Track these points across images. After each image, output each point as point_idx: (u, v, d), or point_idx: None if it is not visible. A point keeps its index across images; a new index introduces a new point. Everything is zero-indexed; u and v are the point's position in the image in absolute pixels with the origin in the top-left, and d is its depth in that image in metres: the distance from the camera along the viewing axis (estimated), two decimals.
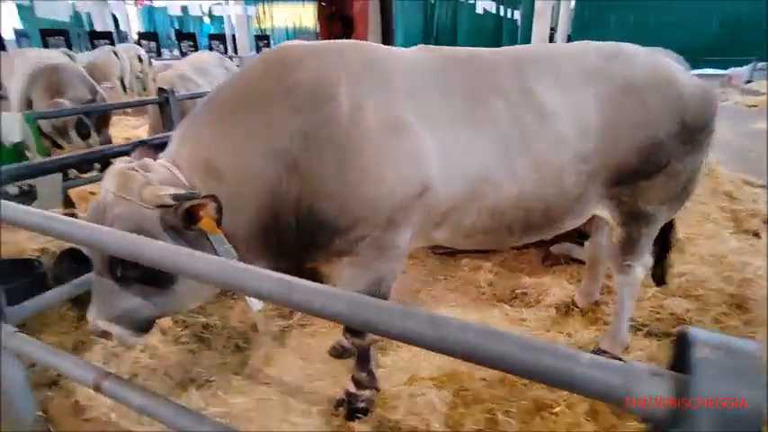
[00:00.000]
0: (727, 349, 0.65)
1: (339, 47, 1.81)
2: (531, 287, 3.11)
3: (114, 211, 1.45)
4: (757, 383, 0.61)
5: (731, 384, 0.61)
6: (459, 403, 2.13)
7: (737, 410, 0.60)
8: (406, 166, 1.67)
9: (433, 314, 0.88)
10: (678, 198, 2.15)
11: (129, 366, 2.18)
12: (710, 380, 0.63)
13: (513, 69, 1.89)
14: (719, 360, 0.64)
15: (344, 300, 0.96)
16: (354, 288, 1.84)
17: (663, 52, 2.15)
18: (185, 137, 1.66)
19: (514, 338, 0.79)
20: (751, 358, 0.64)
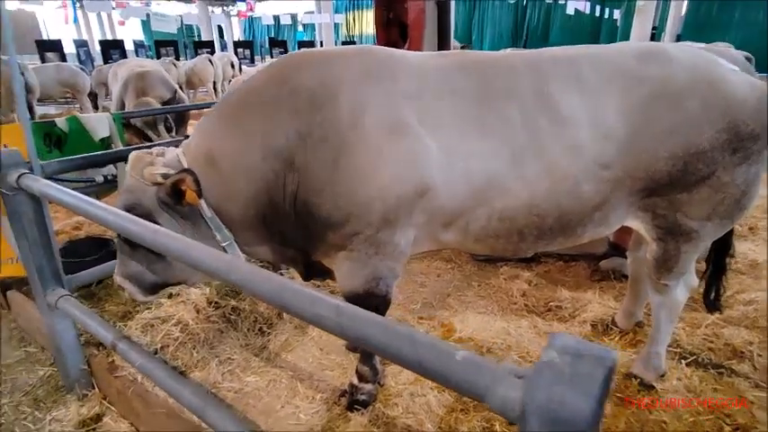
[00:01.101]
0: (575, 354, 0.61)
1: (346, 52, 1.87)
2: (568, 301, 2.92)
3: (125, 186, 1.67)
4: (589, 391, 0.56)
5: (562, 389, 0.57)
6: (459, 408, 2.07)
7: (565, 414, 0.56)
8: (401, 167, 1.68)
9: (338, 303, 0.90)
10: (728, 214, 1.89)
11: (161, 338, 2.42)
12: (545, 383, 0.59)
13: (530, 72, 1.80)
14: (561, 365, 0.60)
15: (271, 282, 1.01)
16: (351, 282, 1.89)
17: (719, 51, 1.93)
18: (198, 129, 1.84)
19: (404, 332, 0.80)
20: (597, 365, 0.59)
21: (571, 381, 0.58)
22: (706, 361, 2.33)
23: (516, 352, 2.50)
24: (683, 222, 1.87)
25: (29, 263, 1.87)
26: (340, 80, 1.73)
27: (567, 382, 0.58)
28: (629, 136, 1.73)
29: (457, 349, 0.76)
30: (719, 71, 1.77)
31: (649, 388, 2.17)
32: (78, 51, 16.12)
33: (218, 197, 1.74)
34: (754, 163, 1.80)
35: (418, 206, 1.75)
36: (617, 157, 1.74)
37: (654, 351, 2.21)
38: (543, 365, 0.61)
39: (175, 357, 2.42)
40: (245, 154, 1.72)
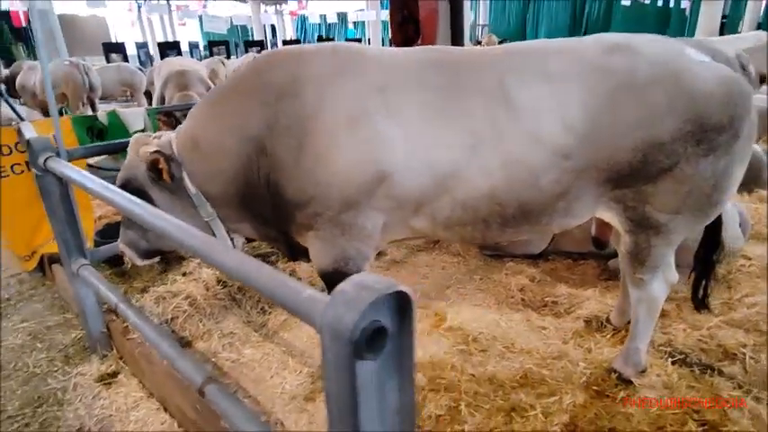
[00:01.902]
0: (361, 285, 0.73)
1: (318, 49, 2.02)
2: (565, 297, 2.92)
3: (125, 163, 1.99)
4: (357, 308, 0.69)
5: (342, 309, 0.70)
6: (429, 388, 2.17)
7: (340, 327, 0.69)
8: (358, 154, 1.80)
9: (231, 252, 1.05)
10: (699, 208, 1.88)
11: (172, 309, 2.68)
12: (333, 306, 0.72)
13: (496, 66, 1.87)
14: (348, 293, 0.72)
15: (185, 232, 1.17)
16: (321, 261, 2.04)
17: (693, 42, 1.90)
18: (189, 115, 2.07)
19: (265, 270, 0.94)
20: (371, 292, 0.71)
21: (348, 303, 0.70)
22: (695, 361, 2.28)
23: (502, 343, 2.56)
24: (652, 215, 1.87)
25: (57, 236, 2.17)
26: (308, 75, 1.88)
27: (345, 305, 0.70)
28: (591, 127, 1.75)
29: (305, 288, 0.88)
30: (685, 62, 1.75)
31: (627, 383, 2.17)
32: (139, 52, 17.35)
33: (201, 176, 1.96)
34: (722, 156, 1.77)
35: (379, 192, 1.86)
36: (578, 148, 1.77)
37: (633, 347, 2.20)
38: (337, 293, 0.74)
39: (183, 328, 2.68)
40: (224, 138, 1.92)
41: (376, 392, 0.82)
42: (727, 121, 1.73)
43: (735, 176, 1.87)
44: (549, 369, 2.35)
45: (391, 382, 0.84)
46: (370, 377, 0.79)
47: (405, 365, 0.84)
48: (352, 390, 0.73)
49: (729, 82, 1.75)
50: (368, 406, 0.80)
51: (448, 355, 2.46)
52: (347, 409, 0.75)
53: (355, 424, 0.76)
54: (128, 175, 1.99)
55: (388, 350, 0.79)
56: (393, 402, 0.86)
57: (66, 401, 2.24)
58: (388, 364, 0.81)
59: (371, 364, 0.78)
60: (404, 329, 0.80)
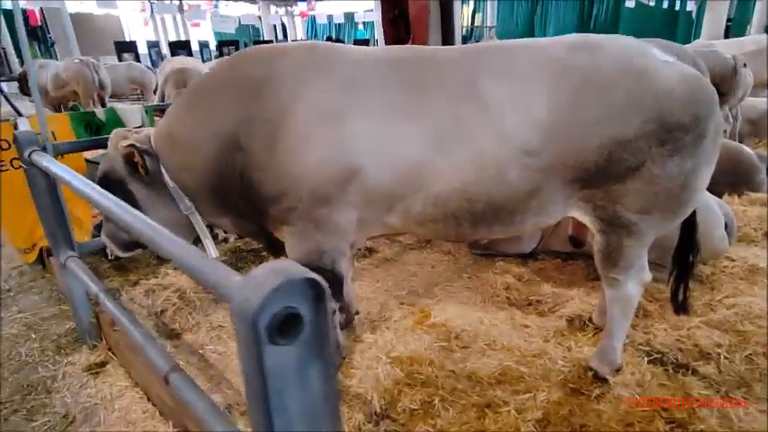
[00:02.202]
0: (273, 271, 0.75)
1: (291, 48, 2.07)
2: (549, 296, 2.95)
3: (105, 156, 2.08)
4: (261, 292, 0.71)
5: (249, 291, 0.73)
6: (405, 383, 2.21)
7: (245, 306, 0.72)
8: (328, 150, 1.85)
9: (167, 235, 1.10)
10: (668, 208, 1.90)
11: (162, 302, 2.76)
12: (244, 288, 0.74)
13: (463, 64, 1.91)
14: (259, 277, 0.74)
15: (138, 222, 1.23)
16: (295, 255, 2.09)
17: (659, 43, 1.93)
18: (168, 111, 2.14)
19: (194, 253, 0.99)
20: (277, 276, 0.73)
21: (255, 287, 0.72)
22: (671, 360, 2.30)
23: (483, 340, 2.59)
24: (623, 214, 1.90)
25: (45, 228, 2.25)
26: (281, 72, 1.94)
27: (252, 288, 0.72)
28: (557, 124, 1.78)
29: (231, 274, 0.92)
30: (648, 62, 1.78)
31: (603, 381, 2.20)
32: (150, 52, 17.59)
33: (178, 170, 2.03)
34: (688, 156, 1.79)
35: (351, 187, 1.90)
36: (544, 145, 1.80)
37: (609, 345, 2.23)
38: (249, 277, 0.76)
39: (173, 321, 2.75)
40: (199, 133, 1.98)
41: (296, 377, 0.84)
42: (691, 121, 1.75)
43: (703, 177, 1.89)
44: (528, 366, 2.38)
45: (313, 367, 0.87)
46: (287, 362, 0.81)
47: (325, 352, 0.86)
48: (260, 373, 0.75)
49: (693, 82, 1.77)
50: (288, 390, 0.83)
51: (428, 351, 2.50)
52: (259, 392, 0.78)
53: (267, 407, 0.79)
54: (107, 168, 2.06)
55: (306, 337, 0.81)
56: (318, 388, 0.89)
57: (54, 389, 2.32)
58: (307, 350, 0.82)
59: (288, 349, 0.80)
60: (320, 318, 0.83)
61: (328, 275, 2.15)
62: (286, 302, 0.75)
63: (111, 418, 2.11)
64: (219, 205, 2.14)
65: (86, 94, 9.76)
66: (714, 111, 1.81)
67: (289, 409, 0.85)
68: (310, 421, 0.89)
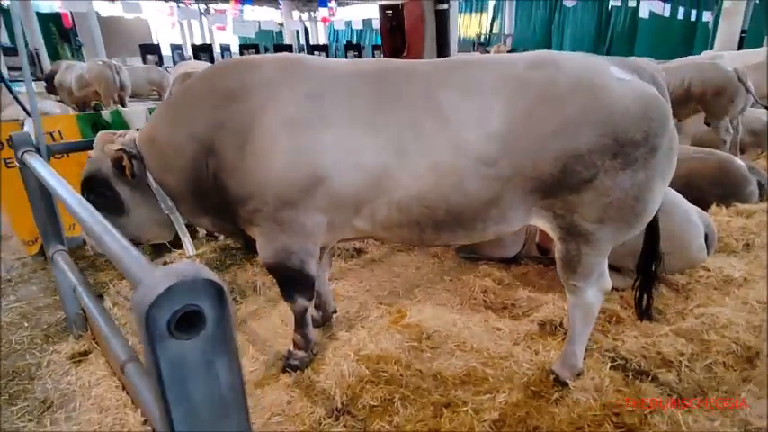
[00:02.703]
0: (170, 270, 0.81)
1: (267, 60, 2.17)
2: (524, 301, 2.99)
3: (90, 156, 2.17)
4: (153, 291, 0.77)
5: (145, 290, 0.78)
6: (369, 380, 2.28)
7: (139, 299, 0.78)
8: (293, 157, 1.94)
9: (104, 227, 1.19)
10: (623, 219, 1.94)
11: None
12: (143, 285, 0.80)
13: (427, 78, 1.98)
14: (157, 275, 0.80)
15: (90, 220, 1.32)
16: (264, 254, 2.19)
17: (619, 60, 1.97)
18: (152, 115, 2.26)
19: (120, 243, 1.07)
20: (171, 277, 0.79)
21: (152, 285, 0.78)
22: (633, 366, 2.32)
23: (454, 341, 2.65)
24: (580, 224, 1.94)
25: (37, 222, 2.40)
26: (254, 82, 2.04)
27: (150, 285, 0.79)
28: (513, 136, 1.84)
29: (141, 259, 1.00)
30: (603, 79, 1.83)
31: (563, 384, 2.23)
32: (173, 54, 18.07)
33: (158, 171, 2.14)
34: (640, 170, 1.83)
35: (316, 192, 1.99)
36: (501, 156, 1.86)
37: (570, 350, 2.26)
38: (151, 274, 0.83)
39: None
40: (178, 137, 2.08)
41: (201, 369, 0.91)
42: (643, 137, 1.79)
43: (656, 190, 1.93)
44: (494, 368, 2.42)
45: (220, 361, 0.93)
46: (191, 355, 0.88)
47: (230, 347, 0.94)
48: (156, 364, 0.81)
49: (646, 99, 1.82)
50: (192, 381, 0.89)
51: (398, 350, 2.56)
52: (156, 381, 0.85)
53: (164, 397, 0.86)
54: (93, 169, 2.17)
55: (209, 333, 0.86)
56: (224, 380, 0.96)
57: (37, 376, 2.45)
58: (212, 345, 0.88)
59: (191, 343, 0.88)
60: (223, 315, 0.90)
61: (297, 275, 2.24)
62: (186, 300, 0.81)
63: (86, 405, 2.22)
64: (198, 206, 2.24)
65: (107, 95, 10.12)
66: (666, 127, 1.85)
67: (193, 399, 0.92)
68: (217, 410, 0.95)
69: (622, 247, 2.40)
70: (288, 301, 2.39)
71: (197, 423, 0.96)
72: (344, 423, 2.09)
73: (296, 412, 2.17)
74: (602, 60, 1.95)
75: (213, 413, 0.97)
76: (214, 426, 0.98)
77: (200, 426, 0.96)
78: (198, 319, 0.85)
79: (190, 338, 0.85)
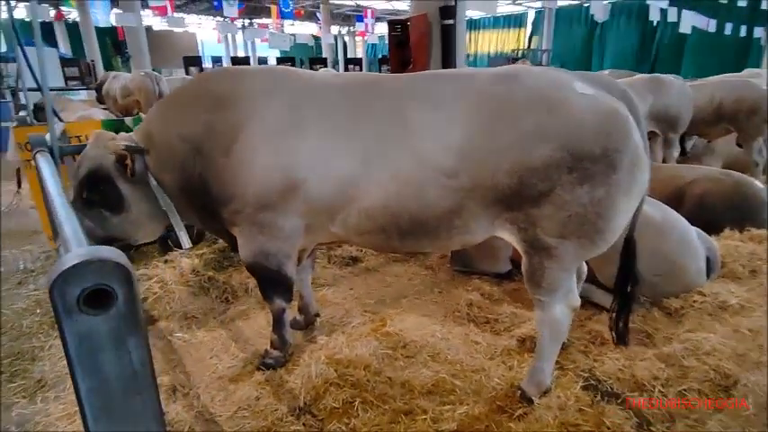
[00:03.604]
0: (77, 253, 0.91)
1: (257, 70, 2.30)
2: (506, 316, 2.97)
3: (87, 154, 2.28)
4: (58, 269, 0.84)
5: (55, 268, 0.85)
6: (335, 383, 2.32)
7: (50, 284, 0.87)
8: (273, 163, 2.05)
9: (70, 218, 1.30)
10: (585, 235, 1.92)
11: (144, 291, 3.05)
12: (56, 263, 0.90)
13: (396, 91, 2.06)
14: (63, 256, 0.90)
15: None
16: (243, 254, 2.29)
17: (586, 76, 1.97)
18: (147, 114, 2.42)
19: (74, 227, 1.18)
20: (77, 256, 0.89)
21: (62, 262, 0.86)
22: (605, 388, 2.27)
23: (429, 352, 2.66)
24: (542, 238, 1.94)
25: (48, 217, 2.61)
26: (242, 90, 2.17)
27: (61, 263, 0.87)
28: (471, 148, 1.88)
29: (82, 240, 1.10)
30: (562, 93, 1.84)
31: (529, 401, 2.21)
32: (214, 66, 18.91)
33: (155, 169, 2.27)
34: (599, 185, 1.82)
35: (292, 197, 2.08)
36: (460, 167, 1.90)
37: (538, 367, 2.24)
38: (63, 254, 0.95)
39: (153, 308, 3.04)
40: (170, 137, 2.22)
41: (112, 344, 1.00)
42: (601, 152, 1.79)
43: (619, 207, 1.90)
44: (463, 380, 2.42)
45: (131, 340, 1.02)
46: (101, 329, 0.97)
47: (139, 326, 1.02)
48: (63, 336, 0.91)
49: (606, 113, 1.81)
50: (103, 354, 0.98)
51: (372, 356, 2.59)
52: (65, 354, 0.94)
53: (72, 369, 0.94)
54: (95, 165, 2.27)
55: (120, 311, 0.95)
56: (137, 357, 1.04)
57: (38, 358, 2.64)
58: (122, 322, 0.95)
59: (101, 318, 0.97)
60: (131, 296, 0.98)
61: (275, 276, 2.33)
62: (97, 279, 0.90)
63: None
64: (188, 204, 2.37)
65: (147, 103, 10.70)
66: (627, 144, 1.83)
67: (103, 374, 1.00)
68: (128, 386, 1.04)
69: (610, 266, 2.37)
70: (266, 301, 2.48)
71: (108, 398, 1.05)
72: (304, 422, 2.15)
73: (261, 408, 2.25)
74: (568, 75, 1.96)
75: (125, 389, 1.04)
76: (125, 402, 1.06)
77: (111, 400, 1.04)
78: (108, 297, 0.94)
79: (99, 314, 0.92)
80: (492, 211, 1.98)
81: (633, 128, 1.86)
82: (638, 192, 1.96)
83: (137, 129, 2.42)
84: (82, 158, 2.34)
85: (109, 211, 2.31)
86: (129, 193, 2.34)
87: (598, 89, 1.91)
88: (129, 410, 1.07)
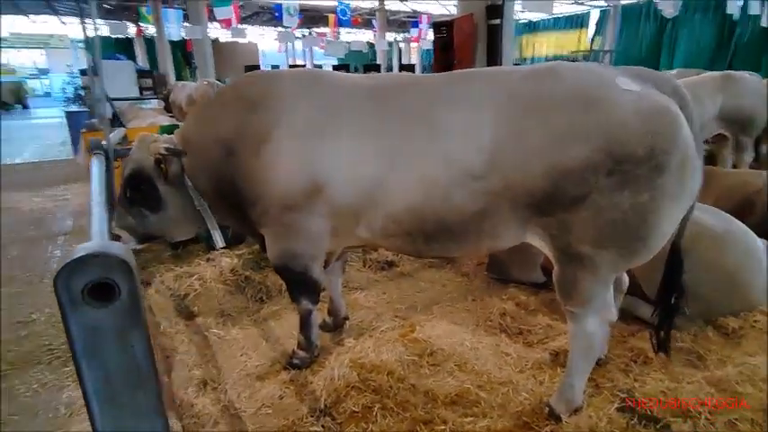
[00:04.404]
0: (84, 247, 0.97)
1: (288, 74, 2.35)
2: (541, 328, 2.84)
3: (132, 156, 2.43)
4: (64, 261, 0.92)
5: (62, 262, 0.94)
6: (357, 387, 2.31)
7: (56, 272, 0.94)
8: (298, 164, 2.08)
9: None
10: (624, 244, 1.79)
11: (185, 287, 3.21)
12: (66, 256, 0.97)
13: (426, 92, 2.02)
14: (73, 250, 0.96)
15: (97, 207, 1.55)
16: (271, 255, 2.35)
17: (633, 71, 1.83)
18: (186, 118, 2.53)
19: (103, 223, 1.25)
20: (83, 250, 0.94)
21: (69, 255, 0.93)
22: (643, 411, 2.09)
23: (456, 361, 2.59)
24: (576, 246, 1.83)
25: None
26: (273, 93, 2.22)
27: (68, 256, 0.93)
28: (501, 149, 1.81)
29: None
30: (602, 90, 1.72)
31: (556, 419, 2.08)
32: None
33: (191, 170, 2.37)
34: (643, 190, 1.68)
35: (317, 199, 2.10)
36: (489, 170, 1.83)
37: (568, 383, 2.11)
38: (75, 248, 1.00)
39: (193, 304, 3.19)
40: (206, 139, 2.30)
41: (115, 336, 1.04)
42: (645, 154, 1.66)
43: (665, 214, 1.75)
44: (489, 393, 2.33)
45: (134, 332, 1.06)
46: (105, 321, 1.02)
47: (141, 320, 1.05)
48: (67, 328, 0.97)
49: (653, 113, 1.68)
50: (107, 345, 1.03)
51: (397, 363, 2.56)
52: (69, 344, 0.99)
53: (77, 360, 0.99)
54: (137, 167, 2.41)
55: (123, 305, 0.98)
56: (139, 350, 1.08)
57: None
58: (126, 316, 0.99)
59: (104, 312, 1.01)
60: (133, 291, 1.02)
61: (301, 277, 2.37)
62: (100, 272, 0.94)
63: None
64: (221, 205, 2.46)
65: None
66: (676, 145, 1.68)
67: (107, 366, 1.03)
68: (131, 378, 1.09)
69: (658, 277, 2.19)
70: (294, 302, 2.53)
71: (112, 389, 1.09)
72: (323, 424, 2.15)
73: (283, 407, 2.28)
74: (610, 70, 1.83)
75: (129, 380, 1.09)
76: (129, 393, 1.11)
77: (115, 392, 1.09)
78: (111, 291, 0.97)
79: (103, 307, 0.96)
80: (522, 216, 1.89)
81: (683, 127, 1.71)
82: (688, 197, 1.80)
83: (177, 132, 2.54)
84: (127, 160, 2.49)
85: (148, 210, 2.44)
86: (166, 193, 2.44)
87: (645, 85, 1.77)
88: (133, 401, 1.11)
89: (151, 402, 1.14)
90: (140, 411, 1.12)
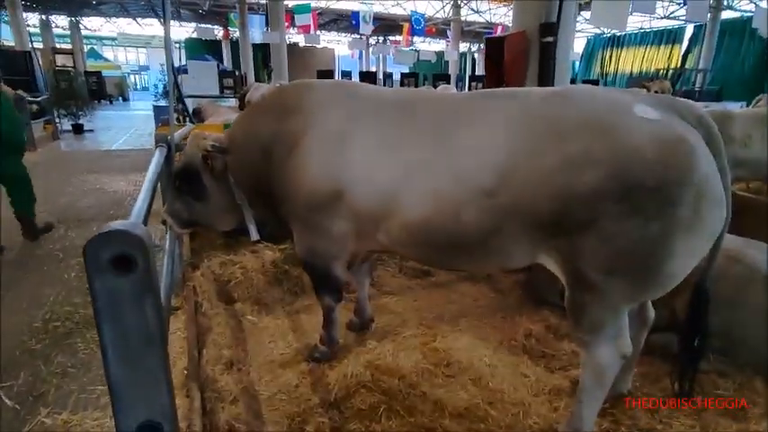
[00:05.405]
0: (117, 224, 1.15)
1: (321, 85, 2.49)
2: (565, 354, 2.76)
3: (186, 151, 2.70)
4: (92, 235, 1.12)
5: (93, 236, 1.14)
6: (367, 386, 2.39)
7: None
8: (323, 170, 2.21)
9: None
10: (635, 273, 1.74)
11: (228, 274, 3.46)
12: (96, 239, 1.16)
13: (447, 108, 2.08)
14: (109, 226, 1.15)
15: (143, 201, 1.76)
16: (298, 250, 2.50)
17: (654, 98, 1.78)
18: (235, 120, 2.75)
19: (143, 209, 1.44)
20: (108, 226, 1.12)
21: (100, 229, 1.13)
22: None
23: (471, 375, 2.60)
24: (586, 271, 1.80)
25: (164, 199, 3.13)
26: (308, 102, 2.37)
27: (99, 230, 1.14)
28: (512, 170, 1.82)
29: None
30: (618, 117, 1.69)
31: None
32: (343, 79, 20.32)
33: (234, 167, 2.58)
34: (652, 220, 1.64)
35: (339, 202, 2.22)
36: (500, 188, 1.85)
37: (577, 413, 2.05)
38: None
39: (233, 290, 3.43)
40: (248, 140, 2.50)
41: (133, 301, 1.21)
42: (654, 184, 1.61)
43: (680, 246, 1.68)
44: (499, 411, 2.32)
45: (147, 300, 1.23)
46: (124, 288, 1.20)
47: (154, 290, 1.23)
48: (93, 290, 1.14)
49: (668, 143, 1.63)
50: (126, 308, 1.21)
51: (412, 369, 2.62)
52: (93, 305, 1.17)
53: (99, 319, 1.18)
54: (188, 161, 2.67)
55: (140, 276, 1.17)
56: (151, 315, 1.25)
57: None
58: (142, 285, 1.18)
59: (124, 280, 1.19)
60: (148, 264, 1.19)
61: (323, 274, 2.51)
62: (123, 246, 1.11)
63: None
64: (258, 202, 2.66)
65: None
66: (690, 177, 1.61)
67: (124, 324, 1.23)
68: (143, 337, 1.26)
69: None
70: (318, 298, 2.66)
71: (126, 345, 1.27)
72: (330, 416, 2.26)
73: (297, 395, 2.42)
74: (629, 97, 1.79)
75: (140, 339, 1.26)
76: (140, 350, 1.28)
77: (129, 347, 1.27)
78: (130, 263, 1.17)
79: (122, 276, 1.17)
80: (533, 236, 1.89)
81: (702, 159, 1.64)
82: (708, 231, 1.72)
83: (226, 131, 2.77)
84: (182, 154, 2.76)
85: (194, 200, 2.69)
86: (211, 186, 2.67)
87: (667, 114, 1.72)
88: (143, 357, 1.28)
89: (159, 358, 1.30)
90: (148, 366, 1.29)
